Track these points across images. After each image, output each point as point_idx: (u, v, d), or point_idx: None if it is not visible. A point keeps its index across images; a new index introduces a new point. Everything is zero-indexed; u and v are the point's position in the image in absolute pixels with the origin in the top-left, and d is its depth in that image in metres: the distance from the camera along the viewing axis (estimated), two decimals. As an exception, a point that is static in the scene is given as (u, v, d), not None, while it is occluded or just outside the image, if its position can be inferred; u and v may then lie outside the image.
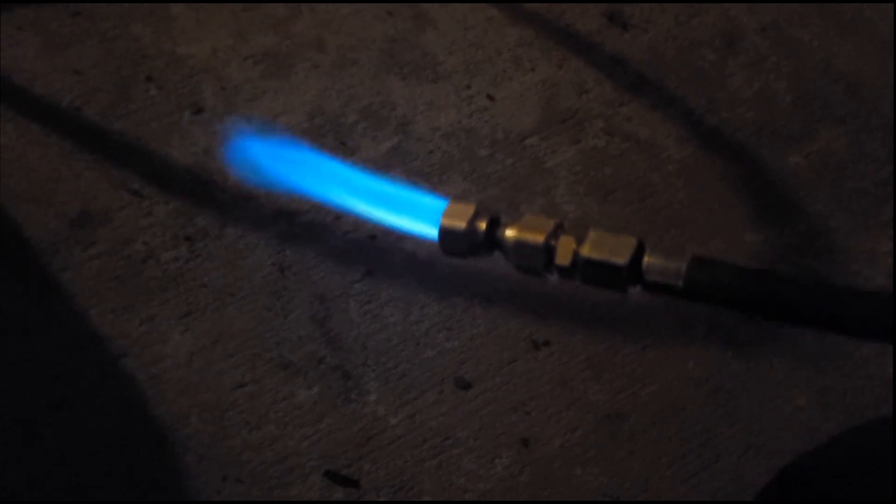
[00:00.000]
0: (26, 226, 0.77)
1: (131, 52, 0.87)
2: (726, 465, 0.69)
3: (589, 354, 0.73)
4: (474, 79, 0.87)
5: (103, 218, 0.77)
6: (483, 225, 0.39)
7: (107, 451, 0.67)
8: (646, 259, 0.38)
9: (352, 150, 0.83)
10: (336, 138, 0.83)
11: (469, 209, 0.39)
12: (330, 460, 0.68)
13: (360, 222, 0.79)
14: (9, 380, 0.70)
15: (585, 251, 0.38)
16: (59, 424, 0.68)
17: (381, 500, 0.67)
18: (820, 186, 0.82)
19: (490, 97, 0.86)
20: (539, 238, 0.38)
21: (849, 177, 0.83)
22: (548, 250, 0.39)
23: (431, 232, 0.39)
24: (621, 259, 0.37)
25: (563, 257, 0.38)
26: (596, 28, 0.90)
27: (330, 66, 0.87)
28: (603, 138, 0.84)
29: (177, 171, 0.80)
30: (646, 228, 0.79)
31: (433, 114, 0.85)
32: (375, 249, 0.77)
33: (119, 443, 0.68)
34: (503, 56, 0.88)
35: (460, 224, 0.39)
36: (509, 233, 0.39)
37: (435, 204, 0.39)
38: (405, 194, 0.40)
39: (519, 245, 0.39)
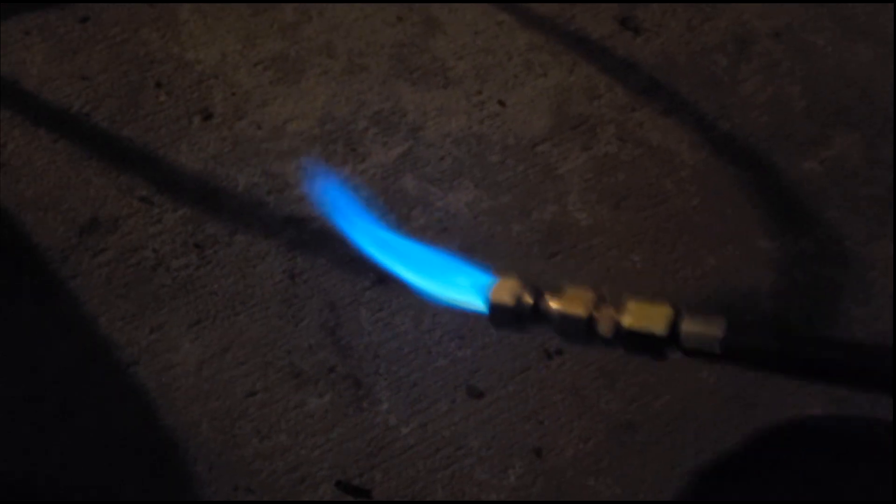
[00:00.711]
0: (35, 233, 0.77)
1: (140, 57, 0.87)
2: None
3: (601, 364, 0.73)
4: (485, 84, 0.87)
5: (112, 225, 0.78)
6: (529, 300, 0.42)
7: (117, 461, 0.68)
8: (683, 327, 0.40)
9: (362, 157, 0.83)
10: (346, 144, 0.84)
11: (515, 285, 0.42)
12: (341, 470, 0.68)
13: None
14: (17, 388, 0.70)
15: (626, 322, 0.41)
16: (68, 433, 0.68)
17: (393, 510, 0.67)
18: (834, 192, 0.82)
19: (501, 103, 0.86)
20: (581, 311, 0.42)
21: (863, 182, 0.83)
22: (590, 323, 0.42)
23: (480, 306, 0.42)
24: (660, 329, 0.40)
25: (605, 329, 0.41)
26: (607, 32, 0.90)
27: (339, 71, 0.88)
28: (615, 144, 0.84)
29: (186, 177, 0.81)
30: (658, 235, 0.80)
31: (443, 119, 0.85)
32: (386, 257, 0.78)
33: (129, 452, 0.68)
34: (514, 61, 0.89)
35: (508, 301, 0.42)
36: (553, 306, 0.42)
37: (483, 279, 0.41)
38: (455, 269, 0.43)
39: (563, 318, 0.42)
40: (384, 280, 0.76)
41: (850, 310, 0.76)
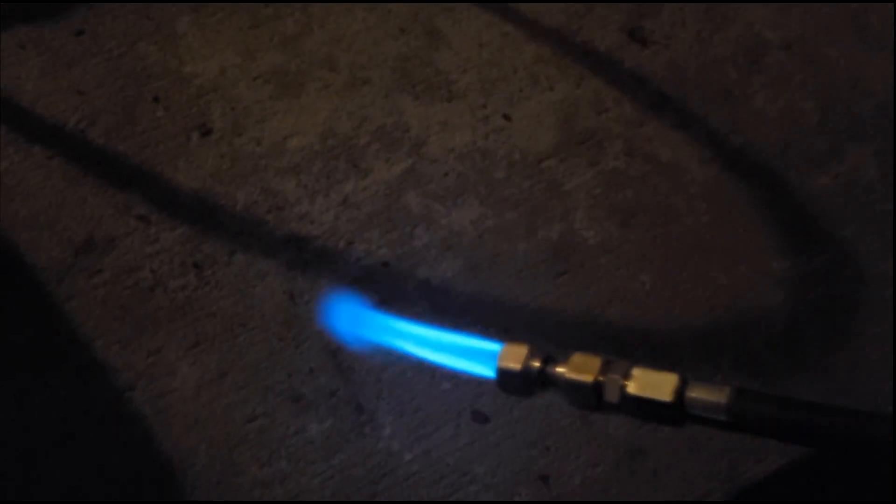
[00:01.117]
0: (29, 254, 0.76)
1: (137, 71, 0.86)
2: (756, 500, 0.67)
3: (610, 387, 0.71)
4: (490, 98, 0.86)
5: (108, 245, 0.77)
6: (536, 365, 0.43)
7: (113, 490, 0.66)
8: (688, 394, 0.41)
9: (364, 173, 0.82)
10: (348, 161, 0.82)
11: (523, 350, 0.44)
12: (343, 497, 0.67)
13: (371, 249, 0.78)
14: (12, 414, 0.69)
15: (632, 389, 0.41)
16: (63, 461, 0.67)
17: (397, 540, 0.66)
18: (849, 209, 0.81)
19: (506, 117, 0.85)
20: (588, 378, 0.42)
21: (879, 199, 0.82)
22: (597, 389, 0.42)
23: (489, 373, 0.44)
24: (666, 397, 0.40)
25: (611, 395, 0.42)
26: (615, 44, 0.89)
27: (341, 85, 0.86)
28: (623, 160, 0.83)
29: (184, 195, 0.80)
30: (668, 254, 0.78)
31: (447, 134, 0.84)
32: (388, 276, 0.76)
33: (125, 481, 0.67)
34: (519, 74, 0.87)
35: (515, 366, 0.43)
36: (560, 372, 0.43)
37: (491, 347, 0.43)
38: (463, 339, 0.44)
39: (570, 385, 0.43)
40: (386, 301, 0.75)
41: (866, 330, 0.75)
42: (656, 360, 0.73)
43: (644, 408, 0.42)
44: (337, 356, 0.72)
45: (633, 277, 0.77)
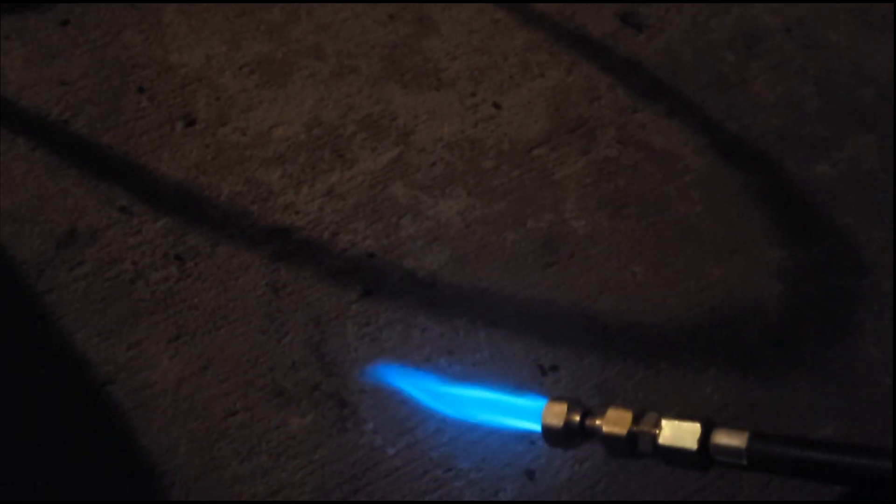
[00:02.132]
0: (10, 246, 0.76)
1: (122, 61, 0.86)
2: (748, 499, 0.66)
3: (599, 380, 0.71)
4: (479, 86, 0.85)
5: (91, 237, 0.77)
6: (577, 418, 0.50)
7: (92, 486, 0.66)
8: (712, 441, 0.47)
9: (350, 163, 0.81)
10: (334, 151, 0.82)
11: (563, 407, 0.51)
12: (324, 494, 0.67)
13: (357, 240, 0.77)
14: (-9, 408, 0.69)
15: (662, 440, 0.48)
16: (42, 457, 0.67)
17: (378, 536, 0.65)
18: (849, 197, 0.79)
19: (496, 105, 0.84)
20: (623, 431, 0.49)
21: (880, 187, 0.80)
22: (631, 440, 0.49)
23: (536, 428, 0.50)
24: (692, 445, 0.47)
25: (644, 447, 0.49)
26: (609, 30, 0.88)
27: (328, 74, 0.86)
28: (615, 148, 0.82)
29: (167, 187, 0.79)
30: (660, 244, 0.77)
31: (436, 123, 0.83)
32: (374, 268, 0.76)
33: (104, 477, 0.67)
34: (510, 61, 0.86)
35: (558, 423, 0.50)
36: (598, 425, 0.50)
37: (536, 404, 0.50)
38: (510, 399, 0.51)
39: (607, 438, 0.50)
40: (371, 293, 0.74)
41: (864, 323, 0.73)
42: (646, 354, 0.72)
43: (673, 456, 0.48)
44: (320, 349, 0.72)
45: (624, 268, 0.76)
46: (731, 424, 0.49)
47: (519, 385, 0.71)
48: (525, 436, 0.69)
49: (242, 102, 0.84)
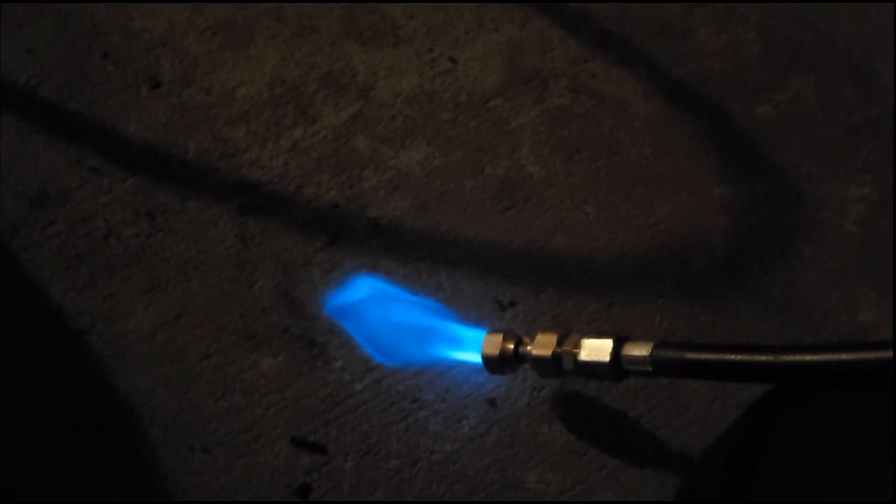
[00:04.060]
0: (-15, 207, 0.80)
1: (86, 28, 0.90)
2: (693, 416, 0.72)
3: (555, 313, 0.76)
4: (436, 42, 0.90)
5: (62, 197, 0.81)
6: (511, 346, 0.61)
7: (73, 429, 0.71)
8: (623, 353, 0.56)
9: (312, 119, 0.86)
10: (296, 108, 0.87)
11: (499, 337, 0.62)
12: (296, 427, 0.72)
13: (321, 192, 0.82)
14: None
15: (581, 357, 0.58)
16: (23, 405, 0.72)
17: (349, 464, 0.71)
18: (789, 136, 0.86)
19: (452, 60, 0.89)
20: (548, 352, 0.59)
21: (818, 125, 0.86)
22: (556, 360, 0.59)
23: (476, 358, 0.63)
24: (605, 358, 0.56)
25: (567, 364, 0.59)
26: (559, -15, 0.93)
27: (289, 34, 0.91)
28: (567, 97, 0.87)
29: (135, 147, 0.84)
30: (612, 185, 0.83)
31: (394, 79, 0.88)
32: (338, 217, 0.81)
33: (86, 419, 0.72)
34: (465, 17, 0.92)
35: (495, 351, 0.62)
36: (529, 350, 0.61)
37: (475, 334, 0.63)
38: (451, 330, 0.65)
39: (535, 360, 0.60)
40: (336, 241, 0.79)
41: (803, 250, 0.80)
42: (599, 288, 0.78)
43: (592, 370, 0.57)
44: (289, 294, 0.77)
45: (578, 209, 0.81)
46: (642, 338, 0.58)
47: (479, 320, 0.76)
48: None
49: (206, 64, 0.89)
